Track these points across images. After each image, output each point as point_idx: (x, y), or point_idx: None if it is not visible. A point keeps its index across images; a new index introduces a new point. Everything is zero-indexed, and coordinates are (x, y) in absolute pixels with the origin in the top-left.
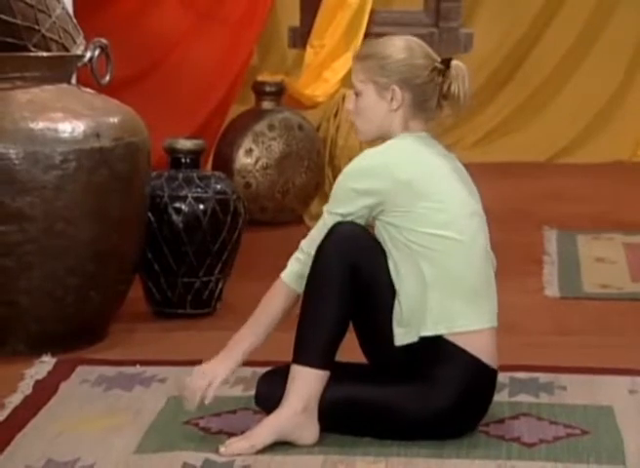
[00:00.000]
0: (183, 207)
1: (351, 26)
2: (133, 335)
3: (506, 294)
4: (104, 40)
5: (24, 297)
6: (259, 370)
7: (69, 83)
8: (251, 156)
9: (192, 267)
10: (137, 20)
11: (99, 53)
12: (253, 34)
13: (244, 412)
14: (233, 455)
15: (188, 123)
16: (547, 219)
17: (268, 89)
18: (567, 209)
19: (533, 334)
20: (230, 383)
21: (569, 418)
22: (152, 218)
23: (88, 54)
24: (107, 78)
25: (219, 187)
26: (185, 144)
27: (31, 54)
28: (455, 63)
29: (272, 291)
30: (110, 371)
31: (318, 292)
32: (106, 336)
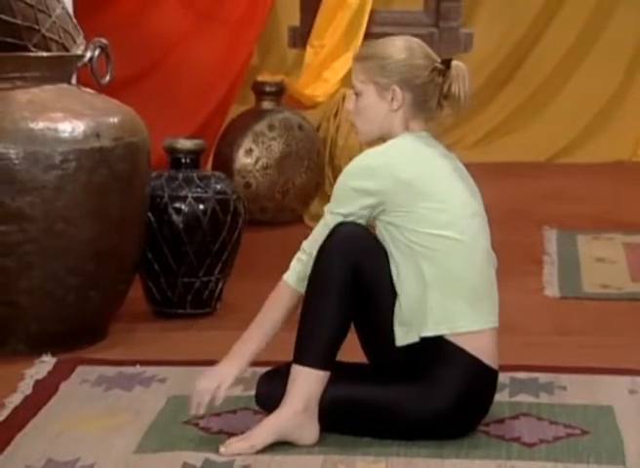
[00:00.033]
0: (183, 207)
1: (351, 26)
2: (133, 335)
3: (506, 294)
4: (104, 40)
5: (25, 297)
6: (259, 370)
7: (69, 83)
8: (251, 156)
9: (192, 267)
10: (137, 20)
11: (99, 53)
12: (253, 34)
13: (244, 412)
14: (233, 455)
15: (188, 123)
16: (547, 219)
17: (268, 89)
18: (567, 209)
19: (533, 334)
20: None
21: (569, 418)
22: (152, 218)
23: (88, 54)
24: (107, 78)
25: (219, 187)
26: (185, 144)
27: (31, 54)
28: (455, 63)
29: (275, 292)
30: (110, 371)
31: (319, 293)
32: (106, 336)
